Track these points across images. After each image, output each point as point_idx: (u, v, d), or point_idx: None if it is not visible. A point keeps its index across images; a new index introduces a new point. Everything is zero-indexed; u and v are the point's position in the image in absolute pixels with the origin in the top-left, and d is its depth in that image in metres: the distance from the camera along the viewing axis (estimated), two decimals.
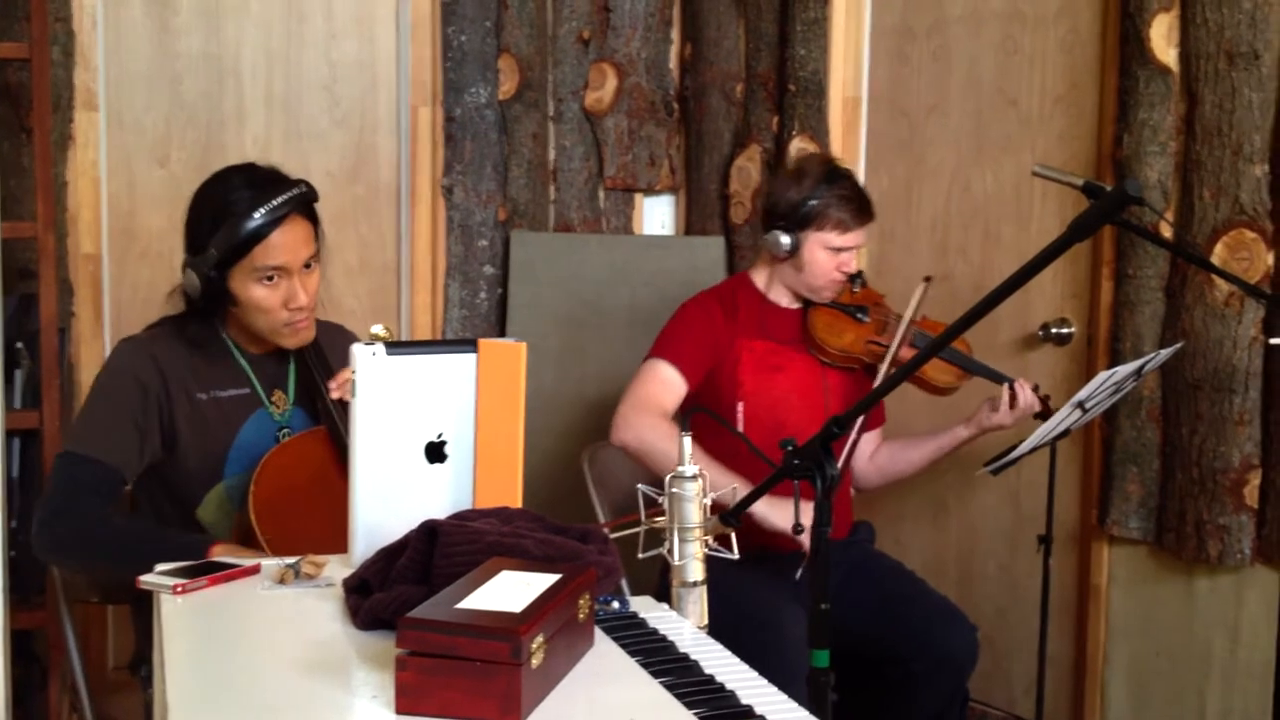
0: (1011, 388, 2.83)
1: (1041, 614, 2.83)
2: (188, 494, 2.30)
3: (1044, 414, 2.85)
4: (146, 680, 2.27)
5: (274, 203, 2.21)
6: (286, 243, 2.23)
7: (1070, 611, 3.18)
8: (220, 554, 2.06)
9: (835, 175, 2.84)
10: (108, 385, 2.30)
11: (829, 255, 2.83)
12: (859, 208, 2.83)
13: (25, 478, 3.05)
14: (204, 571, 1.80)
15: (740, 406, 2.83)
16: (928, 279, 2.88)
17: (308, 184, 2.30)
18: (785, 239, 2.82)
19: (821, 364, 2.91)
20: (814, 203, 2.79)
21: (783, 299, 2.94)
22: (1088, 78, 3.10)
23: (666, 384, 2.80)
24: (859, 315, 2.91)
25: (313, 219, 2.31)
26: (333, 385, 2.30)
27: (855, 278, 2.89)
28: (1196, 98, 2.80)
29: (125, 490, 2.32)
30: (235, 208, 2.21)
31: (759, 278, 2.95)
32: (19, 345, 3.02)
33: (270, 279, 2.24)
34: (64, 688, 2.87)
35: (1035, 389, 2.85)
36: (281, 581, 1.78)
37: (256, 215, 2.20)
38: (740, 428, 2.81)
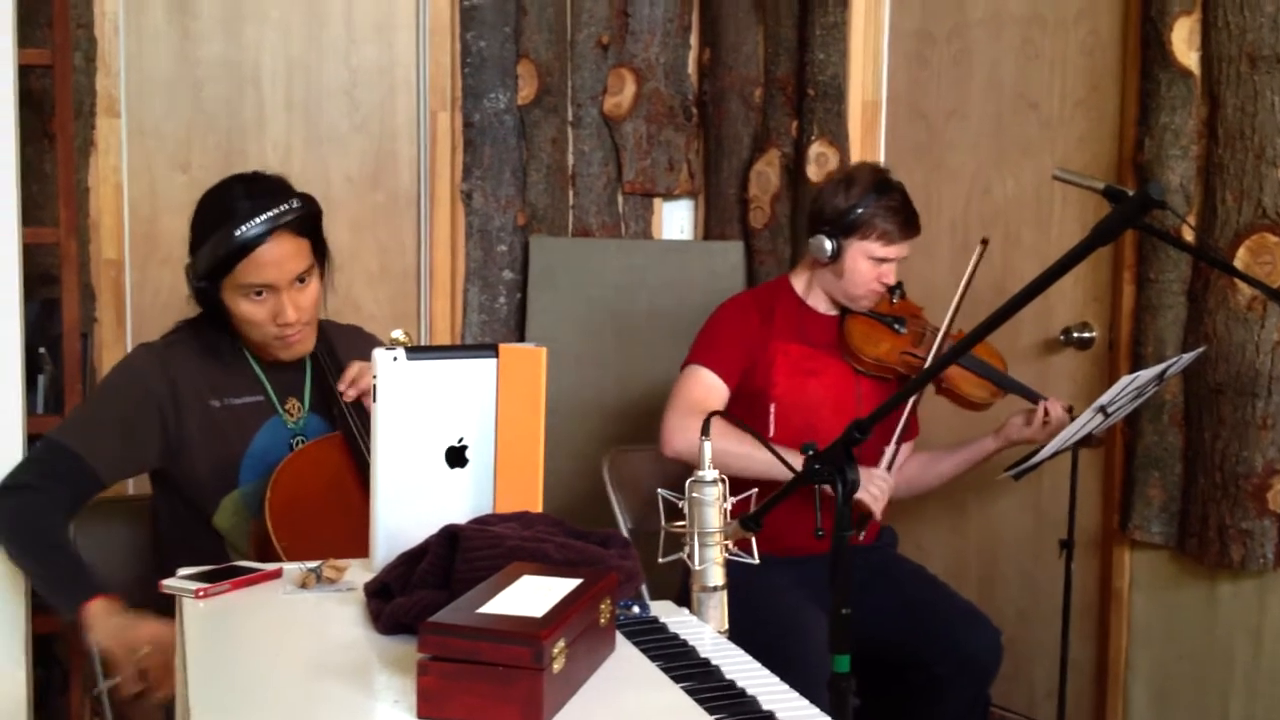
0: (1044, 405, 2.82)
1: (1063, 619, 2.82)
2: (201, 501, 2.30)
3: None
4: None
5: (257, 220, 2.18)
6: (273, 260, 2.20)
7: (1092, 616, 3.17)
8: (93, 611, 2.10)
9: (885, 186, 2.83)
10: (111, 386, 2.32)
11: (871, 265, 2.82)
12: (905, 220, 2.82)
13: None
14: (226, 576, 1.80)
15: (772, 408, 2.83)
16: (984, 241, 2.85)
17: (303, 199, 2.26)
18: (828, 244, 2.82)
19: (855, 372, 2.90)
20: (861, 211, 2.79)
21: (820, 304, 2.93)
22: (1109, 81, 3.09)
23: (709, 388, 2.80)
24: (896, 326, 2.90)
25: (307, 234, 2.26)
26: (343, 384, 2.30)
27: (895, 289, 2.88)
28: (1218, 101, 2.78)
29: (98, 493, 2.30)
30: (226, 220, 2.19)
31: (798, 282, 2.95)
32: (42, 350, 3.04)
33: (259, 294, 2.23)
34: (85, 691, 2.88)
35: (1069, 410, 2.84)
36: (303, 586, 1.79)
37: (240, 231, 2.17)
38: (771, 429, 2.80)
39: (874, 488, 2.78)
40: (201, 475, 2.30)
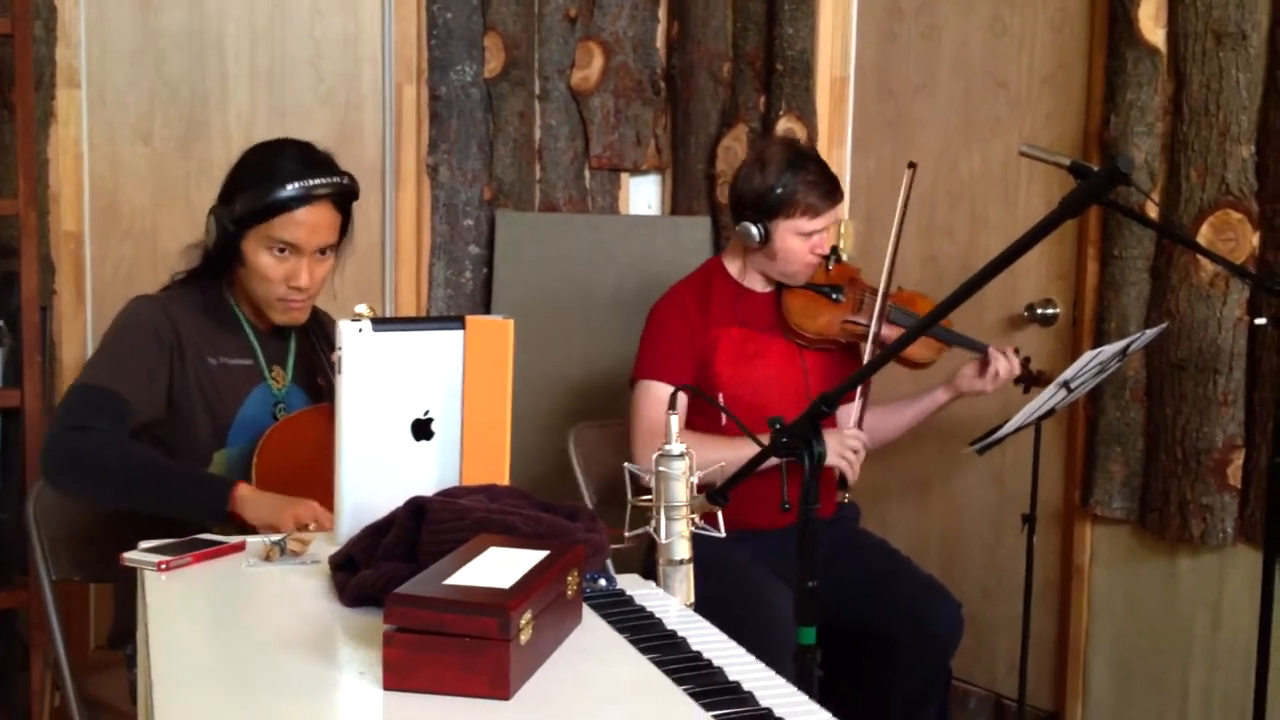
0: (985, 355, 2.83)
1: (1025, 593, 2.84)
2: (193, 456, 2.29)
3: (1025, 378, 2.86)
4: (131, 659, 2.27)
5: (312, 181, 2.25)
6: (309, 222, 2.26)
7: (1054, 591, 3.19)
8: (244, 495, 2.07)
9: (800, 160, 2.78)
10: (125, 332, 2.29)
11: (801, 240, 2.79)
12: (827, 190, 2.78)
13: (6, 457, 3.03)
14: (189, 549, 1.79)
15: (720, 396, 2.81)
16: (912, 165, 2.84)
17: (351, 178, 2.34)
18: (755, 229, 2.78)
19: (799, 347, 2.89)
20: (780, 191, 2.75)
21: (757, 284, 2.91)
22: (1076, 58, 3.10)
23: (664, 402, 2.78)
24: (834, 295, 2.89)
25: (345, 212, 2.34)
26: None
27: (829, 255, 2.86)
28: (1184, 78, 2.80)
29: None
30: (276, 174, 2.25)
31: (732, 264, 2.93)
32: (0, 323, 3.00)
33: (281, 251, 2.27)
34: (46, 667, 2.86)
35: (1015, 351, 2.85)
36: (267, 559, 1.78)
37: (290, 186, 2.24)
38: (724, 416, 2.79)
39: (848, 452, 2.77)
40: (196, 431, 2.29)
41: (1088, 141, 3.05)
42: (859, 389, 2.83)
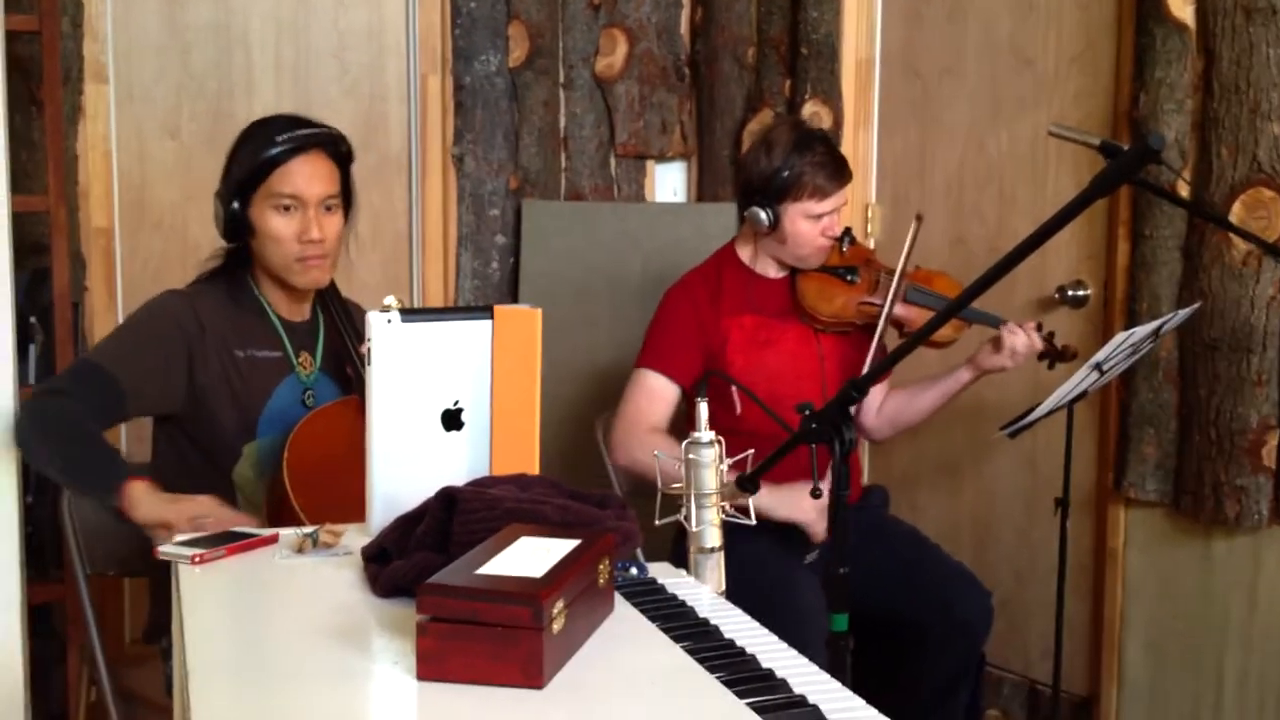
0: (1001, 332, 2.80)
1: (1058, 578, 2.82)
2: (219, 451, 2.32)
3: (1049, 352, 2.82)
4: (166, 652, 2.28)
5: (299, 132, 2.30)
6: (304, 172, 2.30)
7: (1087, 575, 3.17)
8: (134, 494, 2.10)
9: (805, 141, 2.75)
10: (145, 322, 2.33)
11: (811, 223, 2.76)
12: (834, 170, 2.75)
13: None
14: (222, 541, 1.80)
15: (734, 386, 2.80)
16: (919, 217, 2.81)
17: (342, 134, 2.38)
18: (763, 214, 2.76)
19: (815, 331, 2.87)
20: (787, 173, 2.72)
21: (770, 270, 2.89)
22: (1104, 36, 3.07)
23: (654, 395, 2.77)
24: (849, 277, 2.86)
25: (340, 164, 2.37)
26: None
27: (843, 237, 2.83)
28: (1214, 54, 2.77)
29: (121, 420, 2.34)
30: (263, 135, 2.30)
31: (744, 251, 2.91)
32: (32, 320, 3.02)
33: (287, 208, 2.30)
34: (82, 661, 2.88)
35: (1038, 328, 2.81)
36: (300, 550, 1.78)
37: (279, 138, 2.28)
38: (738, 406, 2.77)
39: (811, 511, 2.67)
40: (224, 424, 2.31)
41: (1117, 120, 3.02)
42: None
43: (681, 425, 2.70)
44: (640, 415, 2.74)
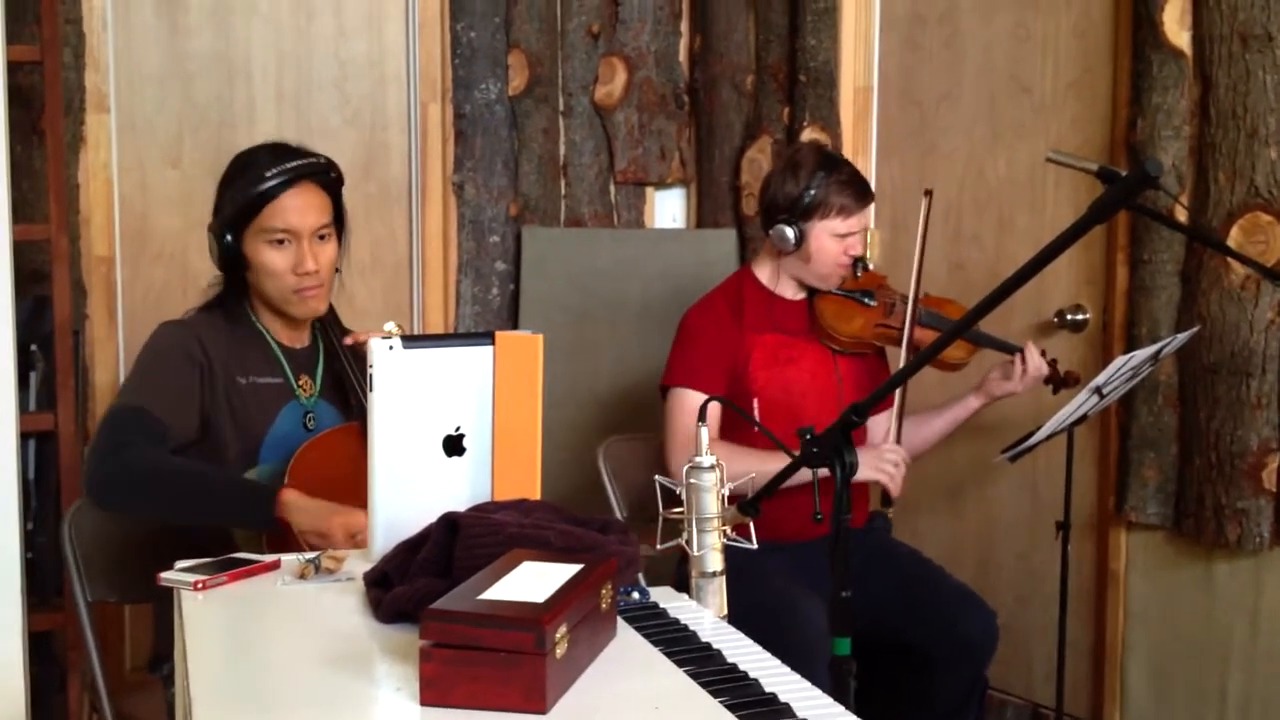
0: (1021, 355, 2.84)
1: (1060, 601, 2.82)
2: None
3: (1053, 378, 2.86)
4: (168, 679, 2.28)
5: (288, 165, 2.29)
6: (296, 205, 2.29)
7: (1089, 599, 3.17)
8: (291, 501, 2.09)
9: (831, 162, 2.83)
10: (157, 355, 2.31)
11: (836, 242, 2.82)
12: (859, 191, 2.82)
13: (40, 480, 3.06)
14: (224, 567, 1.80)
15: (755, 402, 2.82)
16: (928, 192, 2.85)
17: (330, 161, 2.37)
18: (790, 231, 2.81)
19: (833, 352, 2.91)
20: (814, 192, 2.79)
21: (788, 291, 2.93)
22: (1100, 62, 3.09)
23: (696, 410, 2.78)
24: (866, 300, 2.91)
25: (330, 192, 2.36)
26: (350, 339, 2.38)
27: (858, 263, 2.88)
28: (1210, 81, 2.78)
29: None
30: (252, 170, 2.29)
31: (762, 272, 2.94)
32: (33, 348, 3.03)
33: (281, 242, 2.29)
34: (84, 688, 2.88)
35: (1042, 353, 2.86)
36: (302, 576, 1.78)
37: (268, 174, 2.27)
38: (757, 419, 2.79)
39: (887, 465, 2.76)
40: (228, 451, 2.31)
41: (1114, 146, 3.03)
42: (895, 396, 2.83)
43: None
44: (693, 434, 2.74)
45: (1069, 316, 3.16)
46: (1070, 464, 2.80)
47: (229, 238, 2.30)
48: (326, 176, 2.36)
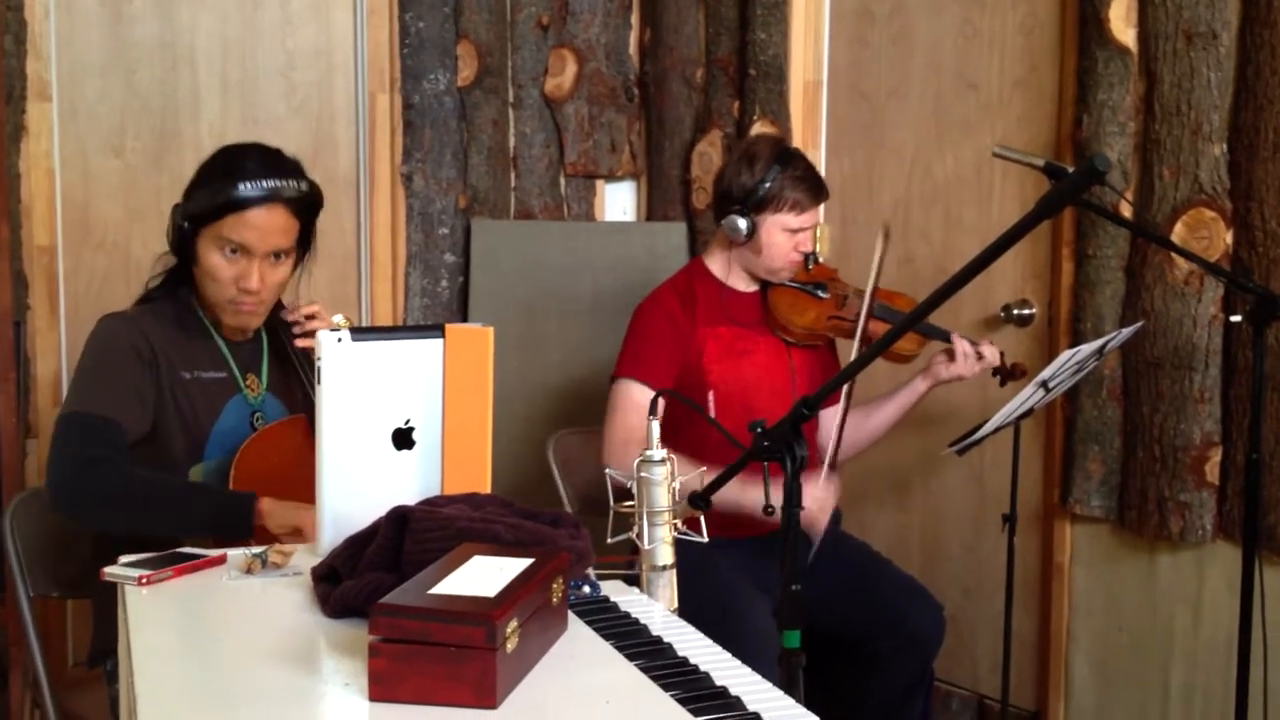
0: (949, 343, 2.86)
1: (1006, 593, 2.85)
2: (170, 472, 2.27)
3: (1001, 370, 2.87)
4: (112, 674, 2.25)
5: (266, 183, 2.23)
6: (260, 225, 2.23)
7: (1034, 590, 3.20)
8: (268, 509, 2.09)
9: (787, 156, 2.83)
10: (105, 352, 2.26)
11: (787, 236, 2.82)
12: (814, 187, 2.82)
13: None
14: (169, 562, 1.78)
15: (710, 395, 2.82)
16: (886, 234, 2.84)
17: (312, 185, 2.31)
18: (742, 223, 2.81)
19: (786, 344, 2.91)
20: (769, 185, 2.78)
21: (740, 283, 2.93)
22: (1047, 60, 3.12)
23: (641, 407, 2.78)
24: (818, 292, 2.92)
25: (301, 217, 2.30)
26: (292, 315, 2.38)
27: (809, 256, 2.89)
28: (1155, 77, 2.81)
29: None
30: (234, 173, 2.23)
31: (715, 264, 2.94)
32: None
33: (233, 252, 2.25)
34: (26, 684, 2.84)
35: (990, 344, 2.87)
36: (248, 571, 1.77)
37: (243, 186, 2.22)
38: (712, 415, 2.79)
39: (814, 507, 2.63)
40: (174, 446, 2.27)
41: (1060, 142, 3.06)
42: (843, 390, 2.83)
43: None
44: (634, 430, 2.73)
45: (1015, 311, 3.19)
46: (1016, 457, 2.82)
47: (187, 225, 2.26)
48: (302, 203, 2.29)
